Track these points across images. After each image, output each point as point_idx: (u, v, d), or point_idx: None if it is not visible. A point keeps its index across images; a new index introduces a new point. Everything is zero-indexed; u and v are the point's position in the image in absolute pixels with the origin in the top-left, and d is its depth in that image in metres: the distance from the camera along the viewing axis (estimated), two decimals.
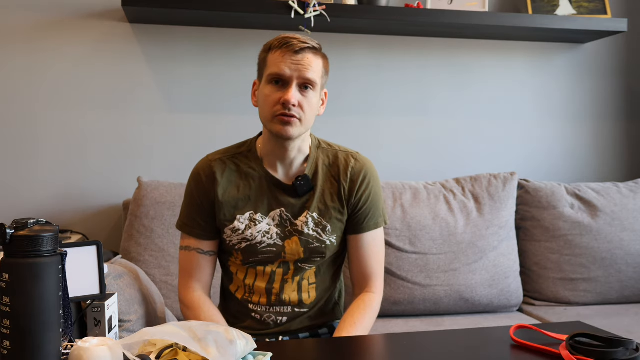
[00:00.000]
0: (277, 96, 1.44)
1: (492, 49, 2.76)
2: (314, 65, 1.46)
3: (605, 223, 2.46)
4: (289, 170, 1.54)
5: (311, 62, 1.45)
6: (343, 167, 1.56)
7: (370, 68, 2.66)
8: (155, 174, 2.43)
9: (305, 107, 1.45)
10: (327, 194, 1.53)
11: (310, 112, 1.48)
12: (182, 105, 2.52)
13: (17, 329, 0.98)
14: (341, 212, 1.54)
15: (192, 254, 1.56)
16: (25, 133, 2.42)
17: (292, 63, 1.44)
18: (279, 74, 1.44)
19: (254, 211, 1.52)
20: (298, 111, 1.44)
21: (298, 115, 1.45)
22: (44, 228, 1.02)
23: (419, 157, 2.72)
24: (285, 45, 1.44)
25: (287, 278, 1.54)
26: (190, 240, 1.56)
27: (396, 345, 1.35)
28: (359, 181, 1.55)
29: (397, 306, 2.28)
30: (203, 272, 1.56)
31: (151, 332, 1.04)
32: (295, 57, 1.44)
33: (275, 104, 1.45)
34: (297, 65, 1.44)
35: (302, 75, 1.44)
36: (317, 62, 1.47)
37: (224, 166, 1.55)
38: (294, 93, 1.43)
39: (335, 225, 1.54)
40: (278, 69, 1.44)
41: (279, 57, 1.45)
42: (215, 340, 1.05)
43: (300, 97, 1.44)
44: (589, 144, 2.88)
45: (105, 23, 2.44)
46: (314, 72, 1.45)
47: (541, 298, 2.46)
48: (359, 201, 1.55)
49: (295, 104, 1.43)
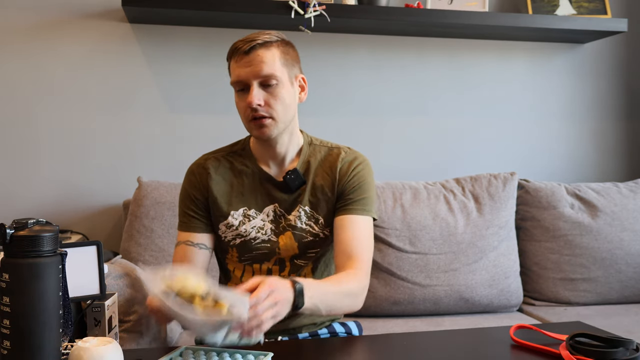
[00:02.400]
0: (244, 102, 1.46)
1: (492, 49, 2.76)
2: (267, 60, 1.44)
3: (605, 223, 2.46)
4: (281, 166, 1.56)
5: (263, 57, 1.44)
6: (334, 159, 1.55)
7: (370, 68, 2.66)
8: (155, 174, 2.43)
9: (273, 104, 1.45)
10: (319, 187, 1.53)
11: (282, 106, 1.47)
12: (182, 105, 2.52)
13: (17, 329, 0.98)
14: (332, 201, 1.53)
15: (181, 247, 1.54)
16: (25, 133, 2.42)
17: (245, 65, 1.44)
18: (237, 81, 1.46)
19: (247, 207, 1.53)
20: (267, 109, 1.45)
21: (268, 114, 1.45)
22: (44, 228, 1.02)
23: (419, 157, 2.72)
24: (236, 51, 1.46)
25: (284, 275, 1.54)
26: (182, 234, 1.56)
27: (396, 345, 1.35)
28: (350, 167, 1.54)
29: (397, 306, 2.28)
30: (192, 264, 1.51)
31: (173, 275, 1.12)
32: (247, 58, 1.44)
33: (245, 109, 1.46)
34: (250, 67, 1.44)
35: (257, 74, 1.44)
36: (271, 55, 1.46)
37: (217, 163, 1.57)
38: (255, 93, 1.44)
39: (328, 219, 1.53)
40: (235, 76, 1.46)
41: (234, 64, 1.47)
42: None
43: (265, 95, 1.45)
44: (589, 144, 2.88)
45: (105, 23, 2.44)
46: (269, 66, 1.44)
47: (541, 298, 2.45)
48: (348, 183, 1.53)
49: (261, 103, 1.44)
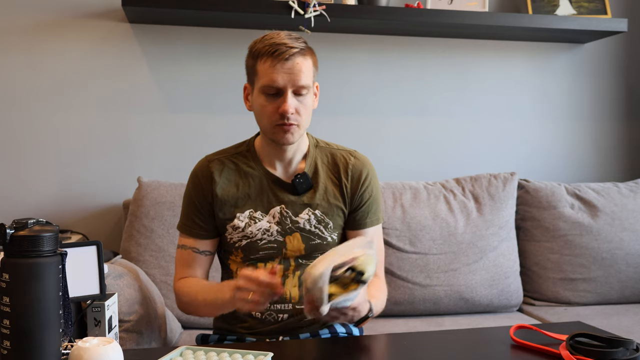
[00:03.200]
0: (274, 106, 1.44)
1: (492, 49, 2.76)
2: (305, 70, 1.44)
3: (605, 223, 2.46)
4: (287, 168, 1.56)
5: (302, 67, 1.43)
6: (343, 166, 1.58)
7: (370, 68, 2.66)
8: (155, 174, 2.43)
9: (302, 112, 1.46)
10: (330, 192, 1.55)
11: (307, 114, 1.49)
12: (182, 105, 2.52)
13: (17, 329, 0.98)
14: (343, 209, 1.56)
15: (187, 252, 1.58)
16: (25, 133, 2.42)
17: (284, 73, 1.42)
18: (272, 86, 1.43)
19: (253, 209, 1.53)
20: (296, 117, 1.45)
21: (296, 122, 1.46)
22: (44, 228, 1.02)
23: (419, 157, 2.72)
24: (274, 54, 1.41)
25: (288, 273, 1.55)
26: (187, 239, 1.58)
27: (396, 345, 1.35)
28: (361, 180, 1.57)
29: (397, 306, 2.28)
30: (197, 268, 1.58)
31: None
32: (286, 64, 1.42)
33: (273, 114, 1.45)
34: (289, 75, 1.42)
35: (295, 84, 1.43)
36: (307, 65, 1.46)
37: (222, 166, 1.56)
38: (290, 102, 1.43)
39: (337, 223, 1.56)
40: (271, 80, 1.42)
41: (269, 68, 1.42)
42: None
43: (296, 104, 1.45)
44: (589, 144, 2.88)
45: (105, 23, 2.44)
46: (307, 76, 1.45)
47: (541, 298, 2.45)
48: (362, 199, 1.58)
49: (293, 112, 1.44)
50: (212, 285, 1.53)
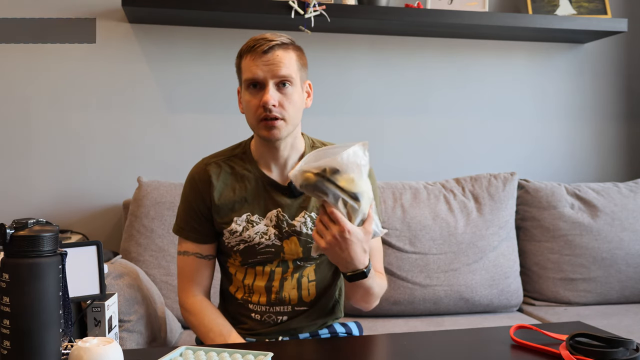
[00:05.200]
0: (257, 100, 1.45)
1: (492, 49, 2.76)
2: (286, 61, 1.45)
3: (605, 223, 2.46)
4: (283, 170, 1.55)
5: (282, 58, 1.45)
6: None
7: (370, 68, 2.66)
8: (155, 174, 2.43)
9: (286, 105, 1.46)
10: None
11: (293, 109, 1.48)
12: (182, 105, 2.52)
13: (17, 329, 0.98)
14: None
15: (190, 258, 1.56)
16: (25, 133, 2.42)
17: (263, 64, 1.44)
18: (253, 78, 1.45)
19: (250, 213, 1.52)
20: (280, 111, 1.45)
21: (281, 115, 1.45)
22: (44, 228, 1.02)
23: (419, 157, 2.72)
24: (253, 48, 1.45)
25: (287, 276, 1.54)
26: (188, 244, 1.57)
27: (396, 345, 1.35)
28: None
29: (397, 306, 2.28)
30: (202, 276, 1.57)
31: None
32: (265, 57, 1.44)
33: (257, 108, 1.46)
34: (268, 66, 1.44)
35: (275, 74, 1.44)
36: (289, 57, 1.47)
37: (219, 169, 1.55)
38: (271, 93, 1.43)
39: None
40: (251, 73, 1.45)
41: (250, 62, 1.45)
42: None
43: (279, 96, 1.45)
44: (589, 144, 2.88)
45: (105, 23, 2.44)
46: (287, 67, 1.45)
47: (541, 298, 2.46)
48: None
49: (275, 104, 1.44)
50: (223, 330, 1.50)
